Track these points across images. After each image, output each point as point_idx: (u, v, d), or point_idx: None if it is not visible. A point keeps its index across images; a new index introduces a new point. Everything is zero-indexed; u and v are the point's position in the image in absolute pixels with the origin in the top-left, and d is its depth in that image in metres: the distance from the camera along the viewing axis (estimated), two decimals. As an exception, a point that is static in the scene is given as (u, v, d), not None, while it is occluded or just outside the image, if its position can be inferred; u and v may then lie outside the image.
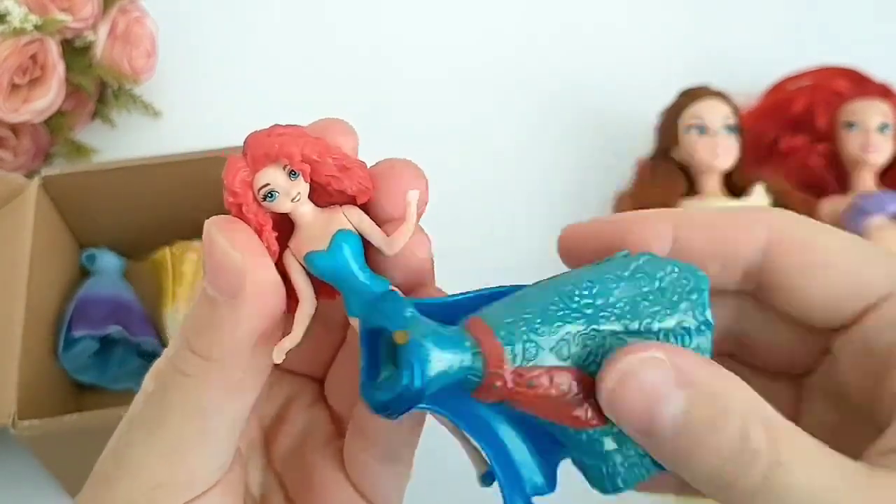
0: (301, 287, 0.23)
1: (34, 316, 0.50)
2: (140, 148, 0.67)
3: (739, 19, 0.81)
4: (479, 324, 0.22)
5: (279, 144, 0.22)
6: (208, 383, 0.23)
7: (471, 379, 0.21)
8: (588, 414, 0.22)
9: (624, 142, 0.70)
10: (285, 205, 0.22)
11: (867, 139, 0.63)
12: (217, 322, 0.22)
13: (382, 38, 0.79)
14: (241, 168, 0.22)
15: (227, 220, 0.22)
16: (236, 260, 0.22)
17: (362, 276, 0.23)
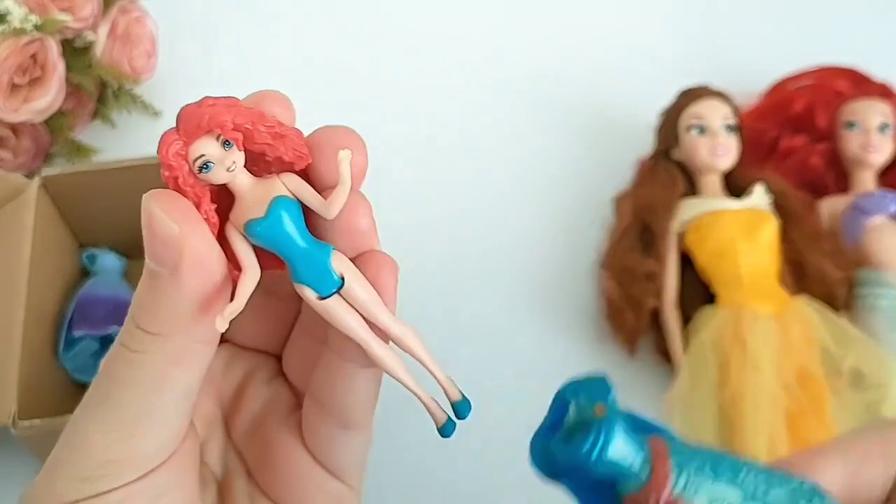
0: (242, 257, 0.23)
1: (34, 316, 0.50)
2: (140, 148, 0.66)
3: (739, 19, 0.81)
4: (661, 443, 0.23)
5: (210, 114, 0.22)
6: (154, 357, 0.23)
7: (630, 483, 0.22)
8: None
9: (624, 142, 0.70)
10: (221, 175, 0.22)
11: (867, 139, 0.63)
12: (159, 296, 0.22)
13: (383, 39, 0.79)
14: (174, 141, 0.22)
15: (164, 193, 0.23)
16: (174, 231, 0.22)
17: (303, 241, 0.23)
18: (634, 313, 0.59)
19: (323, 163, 0.24)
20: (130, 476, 0.23)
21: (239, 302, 0.22)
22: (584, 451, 0.22)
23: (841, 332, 0.57)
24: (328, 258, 0.23)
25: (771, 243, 0.60)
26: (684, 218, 0.61)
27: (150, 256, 0.22)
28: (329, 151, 0.24)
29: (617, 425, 0.22)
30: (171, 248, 0.22)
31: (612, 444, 0.22)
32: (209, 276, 0.23)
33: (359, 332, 0.24)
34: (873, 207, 0.61)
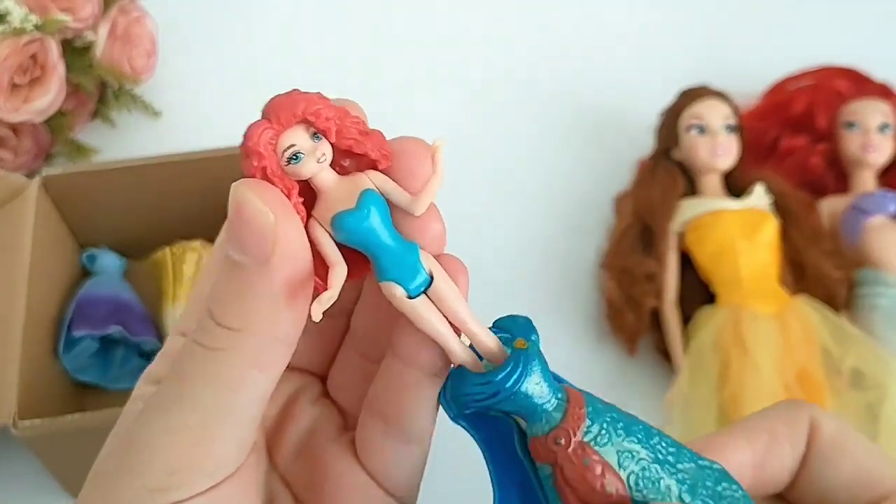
0: (329, 253, 0.22)
1: (34, 316, 0.50)
2: (140, 148, 0.67)
3: (739, 19, 0.81)
4: (577, 394, 0.23)
5: (305, 103, 0.21)
6: (237, 355, 0.21)
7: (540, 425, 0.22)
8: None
9: (624, 142, 0.70)
10: (310, 167, 0.22)
11: (867, 139, 0.63)
12: (244, 289, 0.21)
13: (383, 40, 0.79)
14: (265, 129, 0.21)
15: (257, 181, 0.22)
16: (269, 219, 0.21)
17: (391, 238, 0.22)
18: (634, 313, 0.59)
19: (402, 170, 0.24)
20: (200, 486, 0.22)
21: (334, 290, 0.22)
22: (498, 379, 0.22)
23: (841, 331, 0.57)
24: (417, 254, 0.23)
25: (771, 243, 0.60)
26: (684, 218, 0.61)
27: (238, 246, 0.21)
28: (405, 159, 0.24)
29: (536, 360, 0.22)
30: (263, 238, 0.21)
31: (529, 376, 0.22)
32: (300, 268, 0.21)
33: (442, 330, 0.23)
34: (873, 207, 0.61)
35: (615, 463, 0.22)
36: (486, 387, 0.22)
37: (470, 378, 0.22)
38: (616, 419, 0.23)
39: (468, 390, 0.22)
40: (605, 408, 0.23)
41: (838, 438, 0.25)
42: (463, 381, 0.23)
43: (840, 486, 0.25)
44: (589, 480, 0.22)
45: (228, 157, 0.57)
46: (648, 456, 0.23)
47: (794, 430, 0.26)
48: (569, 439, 0.22)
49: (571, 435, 0.22)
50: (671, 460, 0.23)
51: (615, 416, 0.23)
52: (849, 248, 0.61)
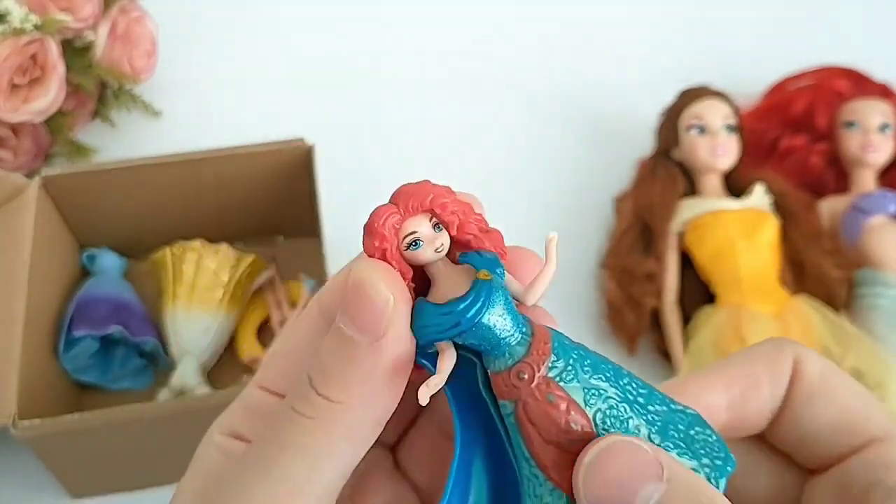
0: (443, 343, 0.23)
1: (34, 316, 0.50)
2: (140, 148, 0.67)
3: (739, 19, 0.81)
4: (543, 329, 0.23)
5: (434, 195, 0.22)
6: (330, 426, 0.22)
7: (501, 360, 0.22)
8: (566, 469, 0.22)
9: (624, 142, 0.70)
10: (428, 254, 0.22)
11: (867, 139, 0.63)
12: (352, 365, 0.22)
13: (382, 40, 0.79)
14: (392, 213, 0.22)
15: (377, 262, 0.22)
16: (387, 299, 0.21)
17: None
18: (634, 313, 0.59)
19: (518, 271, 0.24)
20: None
21: (441, 376, 0.22)
22: (460, 308, 0.22)
23: (840, 331, 0.57)
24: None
25: (771, 243, 0.60)
26: (684, 218, 0.61)
27: (352, 321, 0.22)
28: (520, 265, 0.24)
29: (499, 291, 0.22)
30: (381, 318, 0.21)
31: (492, 307, 0.22)
32: (406, 351, 0.22)
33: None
34: (873, 207, 0.61)
35: (581, 400, 0.22)
36: (448, 317, 0.22)
37: (432, 309, 0.22)
38: (583, 356, 0.22)
39: (430, 321, 0.22)
40: (572, 345, 0.23)
41: (823, 380, 0.24)
42: (425, 312, 0.22)
43: (822, 430, 0.24)
44: (553, 417, 0.21)
45: (228, 157, 0.57)
46: (617, 395, 0.22)
47: (776, 370, 0.25)
48: (532, 374, 0.22)
49: (535, 370, 0.22)
50: (641, 401, 0.22)
51: (582, 353, 0.23)
52: (849, 248, 0.61)
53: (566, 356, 0.22)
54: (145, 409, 0.48)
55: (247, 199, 0.59)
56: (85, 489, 0.53)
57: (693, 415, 0.23)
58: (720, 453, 0.23)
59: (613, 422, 0.22)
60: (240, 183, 0.58)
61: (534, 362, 0.22)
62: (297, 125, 0.60)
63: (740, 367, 0.25)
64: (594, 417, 0.22)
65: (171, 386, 0.54)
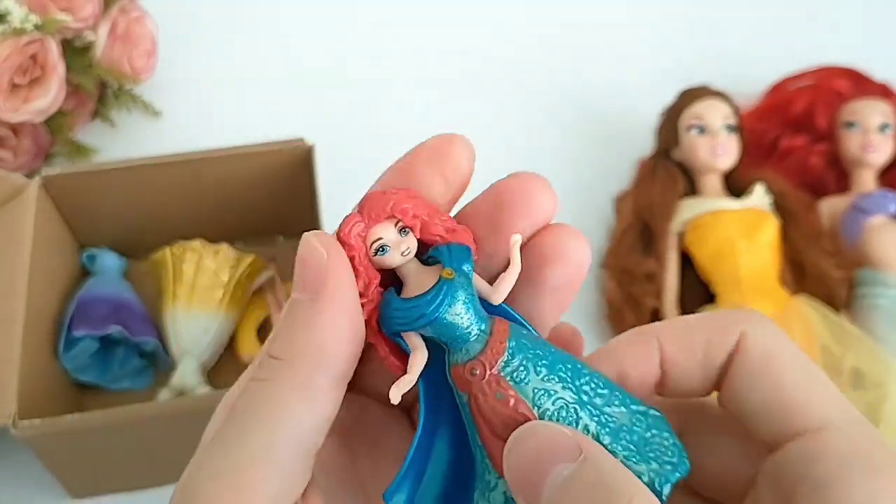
0: (413, 340, 0.24)
1: (34, 316, 0.50)
2: (140, 148, 0.67)
3: (739, 19, 0.81)
4: (504, 326, 0.24)
5: (395, 201, 0.24)
6: (279, 385, 0.22)
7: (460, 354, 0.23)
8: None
9: (624, 142, 0.70)
10: (395, 259, 0.24)
11: (867, 139, 0.63)
12: (294, 322, 0.23)
13: (382, 40, 0.79)
14: (356, 222, 0.24)
15: (323, 232, 0.23)
16: (322, 256, 0.23)
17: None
18: (634, 313, 0.59)
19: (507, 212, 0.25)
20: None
21: (412, 375, 0.23)
22: (421, 303, 0.23)
23: (841, 331, 0.57)
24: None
25: (771, 243, 0.60)
26: (684, 218, 0.61)
27: (296, 284, 0.23)
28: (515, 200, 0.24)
29: (461, 289, 0.23)
30: (317, 274, 0.22)
31: (451, 305, 0.23)
32: (346, 307, 0.23)
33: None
34: (873, 207, 0.61)
35: (530, 400, 0.23)
36: (411, 311, 0.23)
37: (398, 303, 0.24)
38: (541, 356, 0.23)
39: (395, 314, 0.23)
40: (532, 344, 0.23)
41: (765, 359, 0.23)
42: (391, 305, 0.24)
43: (758, 411, 0.23)
44: (499, 413, 0.22)
45: (228, 157, 0.57)
46: (570, 397, 0.23)
47: (716, 341, 0.23)
48: (484, 371, 0.23)
49: (487, 368, 0.23)
50: (597, 402, 0.23)
51: (540, 353, 0.23)
52: (849, 248, 0.61)
53: (521, 355, 0.23)
54: (145, 409, 0.48)
55: (247, 199, 0.59)
56: (85, 489, 0.53)
57: (655, 416, 0.24)
58: (672, 458, 0.23)
59: (561, 422, 0.22)
60: (240, 183, 0.58)
61: (486, 360, 0.23)
62: (297, 125, 0.60)
63: (682, 331, 0.24)
64: (541, 417, 0.22)
65: (171, 386, 0.54)
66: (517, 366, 0.23)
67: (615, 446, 0.22)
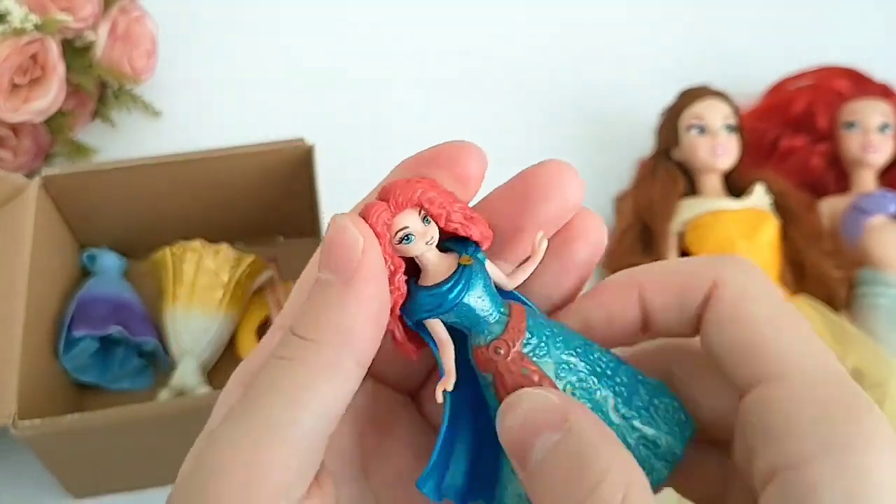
0: (438, 331, 0.24)
1: (34, 316, 0.50)
2: (140, 148, 0.67)
3: (739, 19, 0.81)
4: (521, 308, 0.25)
5: (422, 190, 0.24)
6: (303, 364, 0.22)
7: (482, 336, 0.24)
8: None
9: (624, 142, 0.70)
10: (419, 247, 0.24)
11: (867, 139, 0.63)
12: (325, 303, 0.23)
13: (382, 40, 0.79)
14: (382, 210, 0.24)
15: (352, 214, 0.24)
16: (357, 239, 0.23)
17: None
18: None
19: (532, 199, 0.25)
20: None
21: (450, 376, 0.24)
22: (443, 290, 0.24)
23: (841, 331, 0.57)
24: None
25: (771, 243, 0.60)
26: (684, 218, 0.61)
27: (327, 264, 0.23)
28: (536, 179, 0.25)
29: (479, 274, 0.24)
30: (351, 257, 0.23)
31: (471, 290, 0.24)
32: (379, 292, 0.23)
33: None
34: (873, 207, 0.61)
35: (552, 374, 0.24)
36: (433, 298, 0.24)
37: (422, 290, 0.24)
38: (556, 334, 0.24)
39: (418, 302, 0.24)
40: (546, 323, 0.24)
41: (734, 305, 0.23)
42: (414, 294, 0.24)
43: (727, 356, 0.23)
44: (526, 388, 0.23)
45: (228, 157, 0.57)
46: (586, 368, 0.24)
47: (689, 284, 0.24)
48: (508, 350, 0.24)
49: (510, 346, 0.24)
50: (609, 373, 0.24)
51: (556, 330, 0.24)
52: (849, 248, 0.61)
53: (539, 334, 0.24)
54: (145, 409, 0.48)
55: (247, 199, 0.59)
56: (85, 489, 0.53)
57: (656, 384, 0.25)
58: (679, 420, 0.24)
59: (583, 393, 0.24)
60: (240, 183, 0.58)
61: (509, 339, 0.24)
62: (297, 125, 0.60)
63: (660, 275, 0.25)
64: (564, 389, 0.23)
65: (171, 386, 0.54)
66: (537, 343, 0.24)
67: (632, 412, 0.24)
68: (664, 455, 0.24)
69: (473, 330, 0.24)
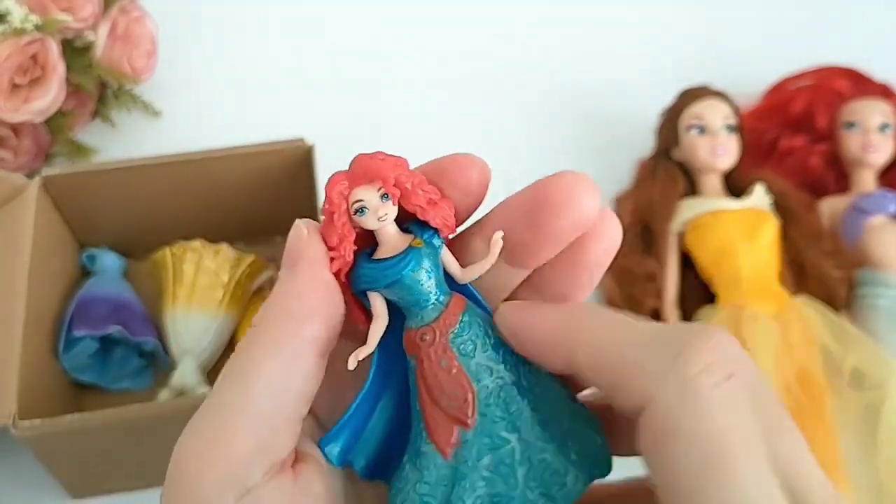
0: (376, 304, 0.25)
1: (34, 316, 0.50)
2: (140, 148, 0.67)
3: (739, 19, 0.81)
4: (461, 301, 0.25)
5: (378, 168, 0.25)
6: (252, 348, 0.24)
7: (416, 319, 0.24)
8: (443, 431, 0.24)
9: (624, 142, 0.70)
10: (371, 222, 0.25)
11: (867, 139, 0.63)
12: (273, 293, 0.24)
13: (385, 40, 0.79)
14: (341, 181, 0.25)
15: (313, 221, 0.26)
16: (301, 230, 0.25)
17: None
18: (634, 313, 0.59)
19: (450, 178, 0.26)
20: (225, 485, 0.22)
21: (370, 345, 0.25)
22: (385, 265, 0.24)
23: (841, 331, 0.57)
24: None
25: (771, 243, 0.60)
26: (684, 218, 0.61)
27: (283, 261, 0.25)
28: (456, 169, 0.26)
29: (427, 259, 0.24)
30: (296, 249, 0.24)
31: (413, 270, 0.24)
32: (322, 271, 0.24)
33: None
34: (873, 207, 0.61)
35: (472, 373, 0.24)
36: (373, 271, 0.24)
37: (369, 263, 0.25)
38: (490, 336, 0.24)
39: (361, 272, 0.25)
40: (485, 325, 0.25)
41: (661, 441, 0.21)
42: (361, 265, 0.25)
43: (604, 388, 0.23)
44: (440, 380, 0.24)
45: (228, 157, 0.57)
46: (510, 379, 0.24)
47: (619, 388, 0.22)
48: (434, 337, 0.24)
49: (437, 335, 0.24)
50: (536, 391, 0.24)
51: (491, 333, 0.25)
52: (849, 248, 0.61)
53: (472, 331, 0.24)
54: (145, 409, 0.48)
55: (247, 199, 0.59)
56: (85, 489, 0.53)
57: (586, 415, 0.25)
58: (595, 457, 0.24)
59: (497, 401, 0.24)
60: (240, 183, 0.58)
61: (438, 328, 0.24)
62: (297, 125, 0.59)
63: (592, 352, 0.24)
64: (479, 392, 0.24)
65: (171, 386, 0.54)
66: (466, 339, 0.24)
67: (545, 435, 0.24)
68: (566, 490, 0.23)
69: (409, 312, 0.25)
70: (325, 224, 0.25)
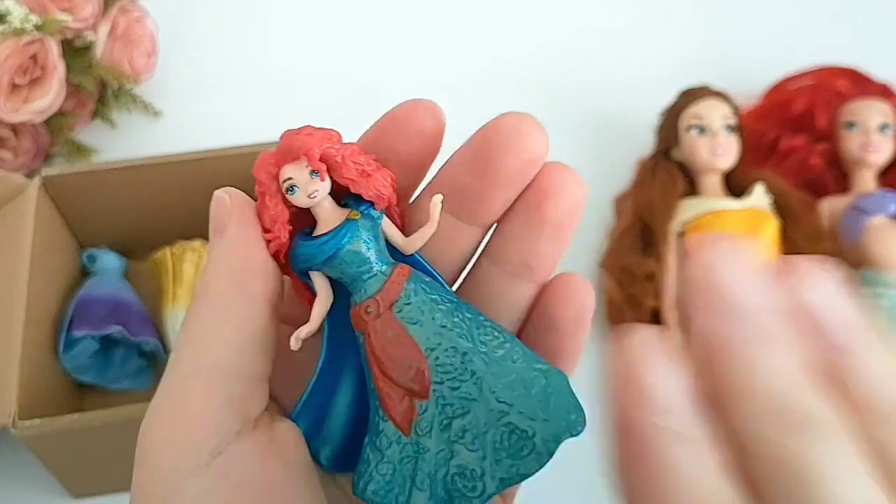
0: (318, 283, 0.24)
1: (34, 316, 0.50)
2: (140, 148, 0.67)
3: (739, 19, 0.81)
4: (405, 270, 0.24)
5: (301, 143, 0.24)
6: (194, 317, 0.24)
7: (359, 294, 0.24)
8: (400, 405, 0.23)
9: (624, 142, 0.70)
10: (302, 199, 0.24)
11: (867, 139, 0.63)
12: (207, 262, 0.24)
13: (385, 39, 0.79)
14: (269, 161, 0.24)
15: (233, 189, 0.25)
16: (223, 199, 0.24)
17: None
18: (634, 313, 0.59)
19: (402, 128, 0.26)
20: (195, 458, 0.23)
21: (313, 324, 0.24)
22: (321, 241, 0.24)
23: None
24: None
25: (771, 243, 0.60)
26: (684, 218, 0.61)
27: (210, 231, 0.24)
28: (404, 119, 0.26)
29: (365, 231, 0.24)
30: (221, 215, 0.24)
31: (350, 244, 0.23)
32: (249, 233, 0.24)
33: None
34: (873, 207, 0.61)
35: (421, 342, 0.23)
36: (309, 249, 0.24)
37: (304, 241, 0.24)
38: (439, 302, 0.23)
39: (298, 251, 0.24)
40: (432, 290, 0.24)
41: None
42: (298, 244, 0.24)
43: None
44: (389, 352, 0.23)
45: (229, 157, 0.57)
46: (465, 345, 0.23)
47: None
48: (377, 309, 0.23)
49: (381, 306, 0.23)
50: (495, 355, 0.23)
51: (440, 299, 0.23)
52: (849, 248, 0.61)
53: (418, 298, 0.23)
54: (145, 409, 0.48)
55: (247, 199, 0.59)
56: (85, 489, 0.53)
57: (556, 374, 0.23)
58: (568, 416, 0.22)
59: (452, 367, 0.22)
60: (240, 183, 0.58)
61: (382, 299, 0.23)
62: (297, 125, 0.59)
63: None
64: (431, 360, 0.23)
65: (171, 386, 0.54)
66: (412, 308, 0.23)
67: (509, 396, 0.22)
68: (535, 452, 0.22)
69: (352, 287, 0.24)
70: (259, 206, 0.24)
